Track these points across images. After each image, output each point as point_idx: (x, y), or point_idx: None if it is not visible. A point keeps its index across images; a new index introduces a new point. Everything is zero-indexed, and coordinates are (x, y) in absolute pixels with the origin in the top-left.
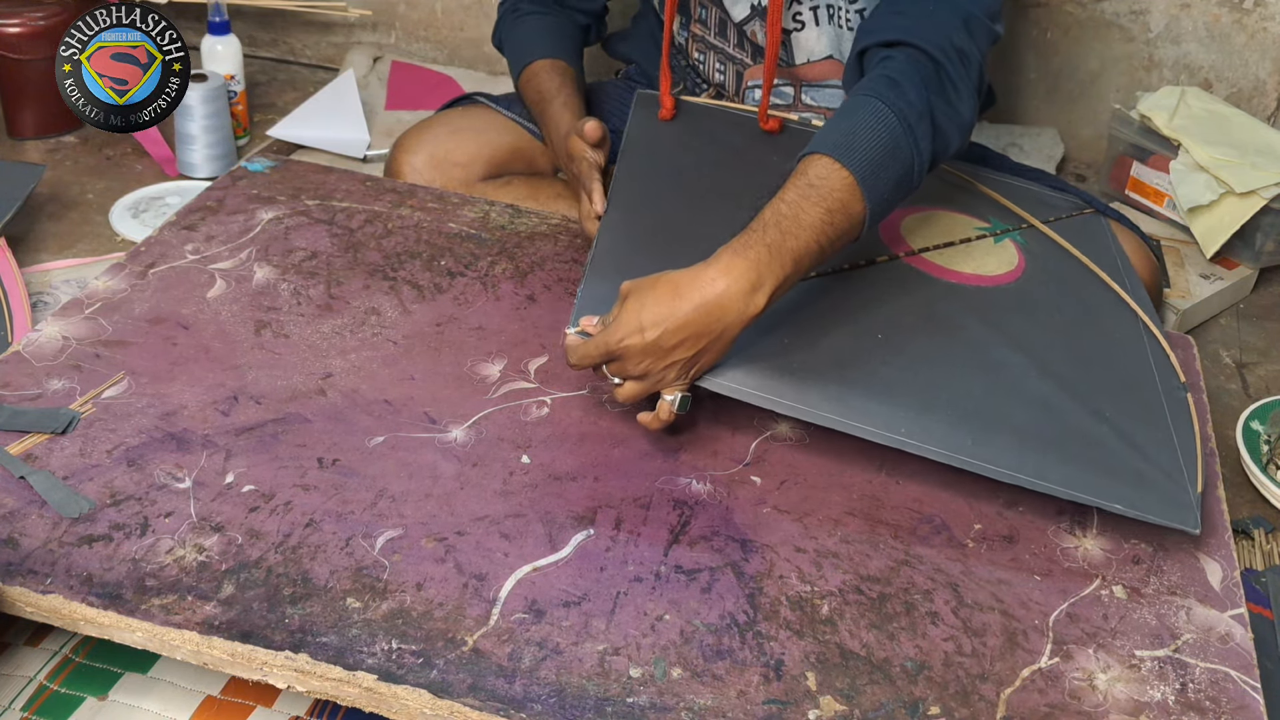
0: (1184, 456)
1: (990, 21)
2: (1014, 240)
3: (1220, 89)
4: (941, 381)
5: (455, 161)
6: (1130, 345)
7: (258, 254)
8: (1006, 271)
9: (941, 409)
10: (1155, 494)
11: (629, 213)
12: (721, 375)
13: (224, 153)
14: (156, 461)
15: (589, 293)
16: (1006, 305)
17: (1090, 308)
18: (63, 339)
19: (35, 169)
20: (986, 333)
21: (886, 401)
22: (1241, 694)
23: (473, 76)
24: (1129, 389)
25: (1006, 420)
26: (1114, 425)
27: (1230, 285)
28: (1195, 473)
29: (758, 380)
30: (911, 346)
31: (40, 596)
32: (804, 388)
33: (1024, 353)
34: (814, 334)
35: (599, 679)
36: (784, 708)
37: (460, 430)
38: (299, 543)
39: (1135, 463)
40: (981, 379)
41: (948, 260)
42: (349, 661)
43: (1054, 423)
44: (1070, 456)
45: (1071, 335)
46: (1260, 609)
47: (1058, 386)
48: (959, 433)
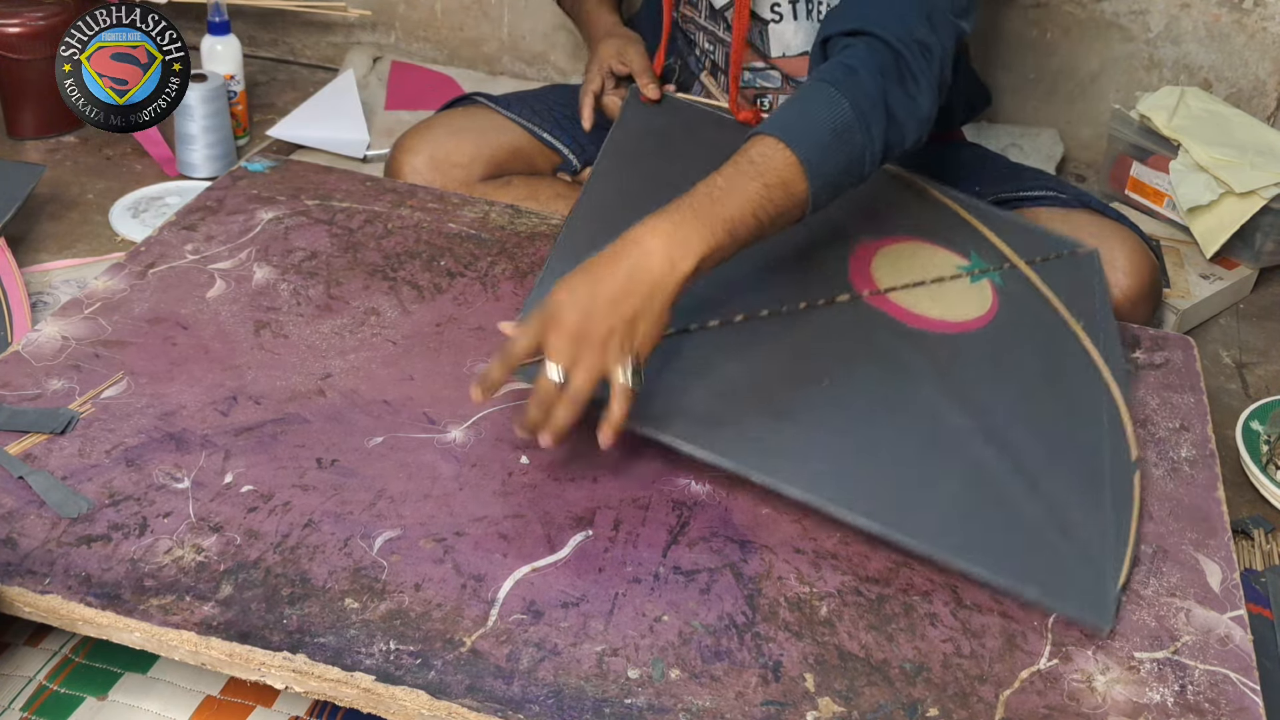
0: (1117, 542)
1: (956, 17)
2: (991, 281)
3: (1220, 89)
4: (879, 441)
5: (455, 162)
6: (1088, 411)
7: (257, 254)
8: (976, 317)
9: (870, 471)
10: (1073, 584)
11: (590, 221)
12: (650, 419)
13: (224, 153)
14: (155, 462)
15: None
16: (968, 356)
17: (1056, 364)
18: (62, 339)
19: (35, 169)
20: (938, 389)
21: (813, 460)
22: (1240, 696)
23: (473, 76)
24: (1075, 460)
25: (935, 488)
26: (1048, 502)
27: (1230, 285)
28: (1123, 562)
29: (683, 427)
30: (856, 399)
31: (38, 597)
32: (730, 438)
33: (973, 414)
34: (756, 378)
35: (597, 680)
36: (782, 709)
37: (459, 431)
38: (297, 543)
39: (1061, 547)
40: (921, 441)
41: (914, 301)
42: (347, 662)
43: (985, 494)
44: (992, 534)
45: (1028, 395)
46: (1260, 609)
47: (999, 453)
48: (881, 499)
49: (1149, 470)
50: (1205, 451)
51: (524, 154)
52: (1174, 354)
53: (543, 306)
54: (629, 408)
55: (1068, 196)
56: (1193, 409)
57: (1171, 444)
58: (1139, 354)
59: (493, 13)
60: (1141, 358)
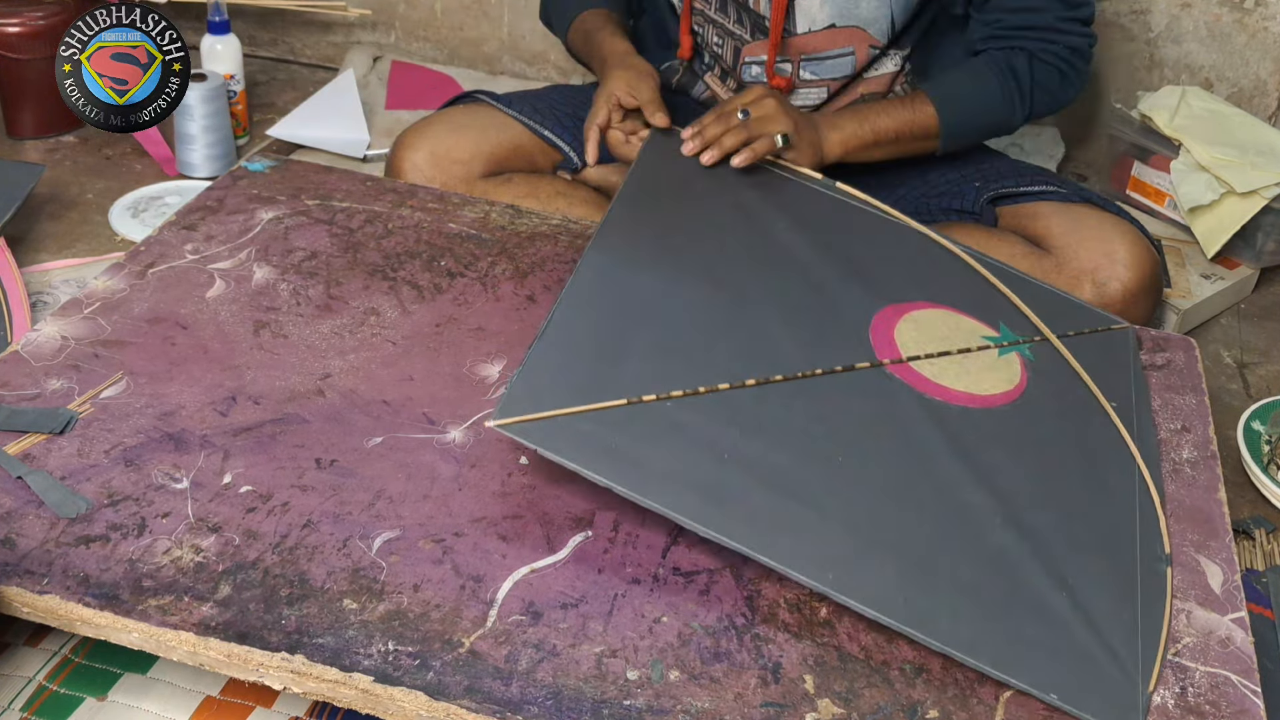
0: (1146, 643)
1: None
2: (1021, 355)
3: (1221, 88)
4: (892, 522)
5: (456, 159)
6: (1119, 499)
7: (257, 254)
8: (1003, 392)
9: (881, 556)
10: (1099, 688)
11: (596, 274)
12: (652, 489)
13: (224, 152)
14: (154, 462)
15: (539, 362)
16: (992, 434)
17: (1086, 448)
18: (61, 339)
19: (34, 169)
20: (959, 467)
21: (820, 543)
22: (1241, 698)
23: (473, 76)
24: (1103, 553)
25: (952, 577)
26: (1074, 596)
27: (1231, 285)
28: (1153, 665)
29: (686, 500)
30: (871, 477)
31: (37, 597)
32: (735, 515)
33: (995, 495)
34: (765, 450)
35: (596, 681)
36: (782, 710)
37: (459, 431)
38: (296, 543)
39: (1086, 646)
40: (938, 524)
41: (939, 372)
42: (345, 663)
43: (1005, 586)
44: (1012, 630)
45: (1055, 479)
46: (1261, 609)
47: (1021, 539)
48: (892, 588)
49: None
50: (1207, 453)
51: (525, 151)
52: (1175, 355)
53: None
54: (761, 157)
55: (1068, 191)
56: (1194, 410)
57: (1173, 445)
58: (1140, 355)
59: (493, 12)
60: (1143, 359)
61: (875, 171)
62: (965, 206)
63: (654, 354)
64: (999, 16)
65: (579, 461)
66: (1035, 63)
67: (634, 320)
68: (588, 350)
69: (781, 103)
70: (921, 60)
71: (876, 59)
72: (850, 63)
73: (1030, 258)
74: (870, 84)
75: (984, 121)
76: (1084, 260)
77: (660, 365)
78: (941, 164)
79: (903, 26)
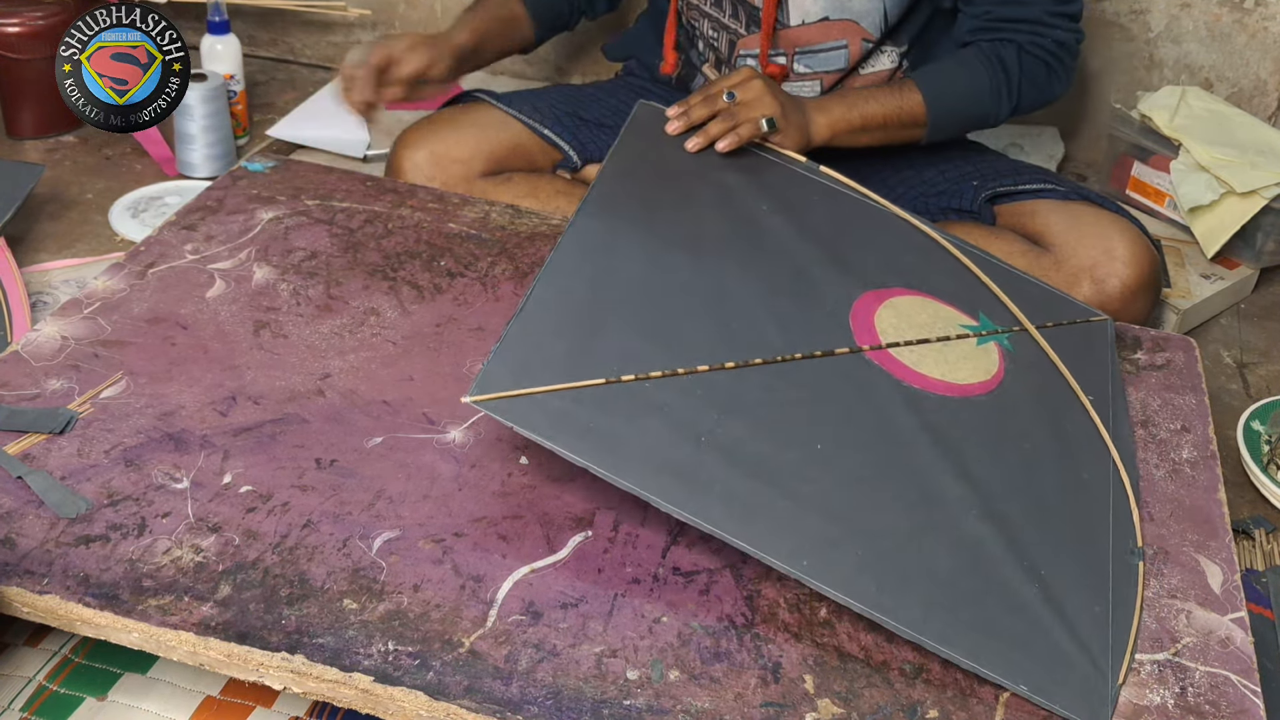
0: (1116, 637)
1: None
2: (999, 344)
3: (1221, 89)
4: (868, 510)
5: (455, 157)
6: (1093, 491)
7: (257, 254)
8: (980, 381)
9: (855, 544)
10: (1069, 679)
11: (578, 254)
12: (630, 471)
13: (224, 152)
14: (154, 462)
15: (518, 338)
16: (970, 424)
17: (1063, 439)
18: (61, 339)
19: (34, 169)
20: (936, 456)
21: (795, 528)
22: (1241, 698)
23: (472, 76)
24: (1077, 545)
25: (925, 566)
26: (1046, 588)
27: (1231, 285)
28: (1123, 657)
29: (663, 482)
30: (846, 462)
31: (37, 597)
32: (712, 499)
33: (971, 485)
34: (743, 434)
35: (596, 681)
36: (781, 710)
37: (459, 431)
38: (296, 543)
39: (1057, 637)
40: (912, 513)
41: (917, 359)
42: (345, 663)
43: (978, 576)
44: (984, 620)
45: (1030, 470)
46: (1261, 609)
47: (996, 531)
48: (865, 575)
49: (1151, 477)
50: (1206, 453)
51: (525, 150)
52: (1175, 355)
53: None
54: (746, 141)
55: (1066, 189)
56: (1194, 410)
57: (1173, 445)
58: (1140, 355)
59: None
60: (1143, 359)
61: (874, 171)
62: (963, 205)
63: (633, 333)
64: (988, 9)
65: (556, 440)
66: (1023, 55)
67: (614, 299)
68: (567, 328)
69: (768, 85)
70: (919, 58)
71: (871, 53)
72: (844, 56)
73: (1029, 255)
74: (867, 80)
75: (971, 112)
76: (1083, 257)
77: (639, 345)
78: (939, 163)
79: (896, 20)
